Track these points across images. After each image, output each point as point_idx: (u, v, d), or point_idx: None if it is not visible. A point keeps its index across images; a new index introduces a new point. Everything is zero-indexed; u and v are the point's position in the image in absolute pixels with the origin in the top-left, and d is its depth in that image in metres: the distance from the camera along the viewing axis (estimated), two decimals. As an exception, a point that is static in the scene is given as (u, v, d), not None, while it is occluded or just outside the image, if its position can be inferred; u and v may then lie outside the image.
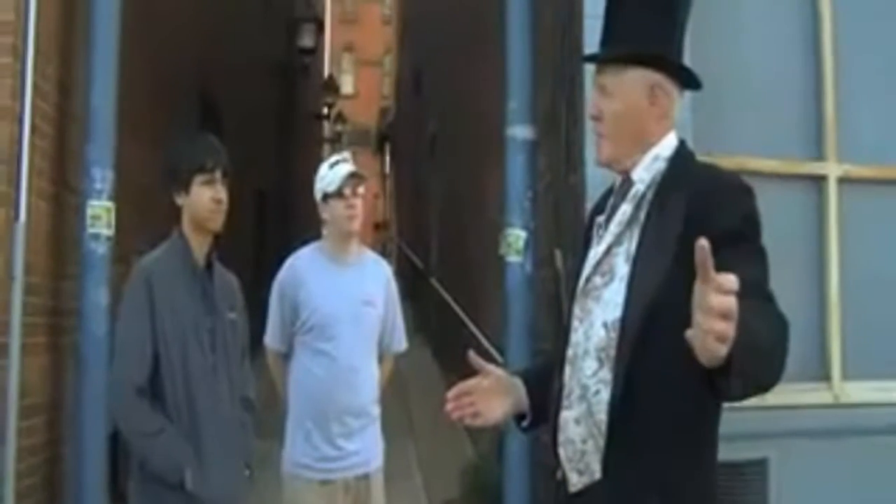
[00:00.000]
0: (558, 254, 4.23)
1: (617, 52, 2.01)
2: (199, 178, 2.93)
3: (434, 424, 8.11)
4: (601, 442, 1.89)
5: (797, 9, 4.36)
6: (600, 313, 1.93)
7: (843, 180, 4.31)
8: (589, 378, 1.92)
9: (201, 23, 7.99)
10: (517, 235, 4.36)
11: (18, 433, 3.83)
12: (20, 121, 3.90)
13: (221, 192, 2.96)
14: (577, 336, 1.98)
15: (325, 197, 3.52)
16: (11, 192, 3.87)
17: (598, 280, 1.97)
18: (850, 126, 4.32)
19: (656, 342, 1.80)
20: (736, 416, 3.48)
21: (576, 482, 1.95)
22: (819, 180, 4.31)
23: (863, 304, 4.27)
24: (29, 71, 3.93)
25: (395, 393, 8.38)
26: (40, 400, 4.15)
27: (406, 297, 14.79)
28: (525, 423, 2.16)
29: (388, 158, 26.78)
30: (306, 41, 15.48)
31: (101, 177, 4.12)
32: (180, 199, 2.96)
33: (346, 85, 33.84)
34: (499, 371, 2.14)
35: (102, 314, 4.07)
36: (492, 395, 2.10)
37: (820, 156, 4.31)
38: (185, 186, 2.94)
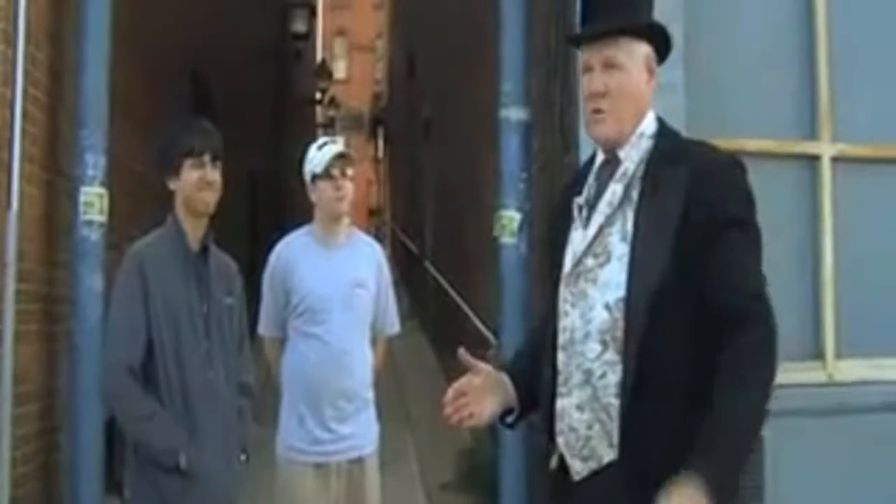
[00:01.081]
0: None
1: (630, 23, 1.95)
2: (188, 162, 2.92)
3: (429, 408, 8.12)
4: (610, 425, 1.86)
5: (791, -11, 4.35)
6: (599, 295, 1.89)
7: (837, 160, 4.31)
8: (592, 362, 1.88)
9: (194, 8, 7.94)
10: (511, 217, 4.35)
11: (13, 421, 3.83)
12: (11, 107, 3.87)
13: (211, 174, 2.94)
14: (570, 320, 1.94)
15: (314, 178, 3.50)
16: (3, 179, 3.85)
17: (590, 262, 1.93)
18: (844, 105, 4.32)
19: (664, 320, 1.80)
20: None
21: (580, 469, 1.92)
22: (813, 160, 4.31)
23: (857, 282, 4.28)
24: (20, 56, 3.90)
25: (390, 376, 8.39)
26: (34, 387, 4.15)
27: (401, 282, 14.82)
28: (510, 419, 2.13)
29: (381, 143, 26.73)
30: (299, 26, 15.43)
31: (94, 163, 4.10)
32: (172, 184, 2.96)
33: (339, 70, 33.70)
34: (488, 368, 2.10)
35: (96, 301, 4.06)
36: (483, 393, 2.05)
37: (814, 135, 4.31)
38: (176, 170, 2.93)
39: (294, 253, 3.54)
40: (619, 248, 1.88)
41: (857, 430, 4.04)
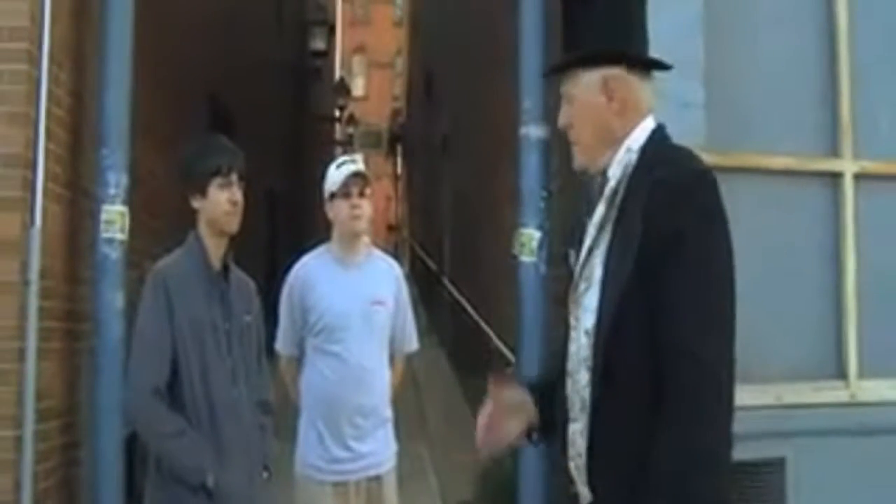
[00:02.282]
0: (573, 253, 4.21)
1: (566, 58, 2.01)
2: (215, 181, 2.93)
3: (448, 425, 8.10)
4: None
5: (813, 5, 4.33)
6: (583, 321, 1.91)
7: (859, 177, 4.29)
8: (584, 389, 1.88)
9: (213, 26, 8.02)
10: (531, 235, 4.35)
11: (35, 437, 3.85)
12: (35, 126, 3.91)
13: (238, 195, 2.96)
14: (572, 347, 1.95)
15: (331, 196, 3.52)
16: (27, 197, 3.88)
17: (582, 286, 1.94)
18: (866, 122, 4.29)
19: (624, 349, 1.78)
20: (752, 416, 3.47)
21: (586, 495, 1.91)
22: (835, 177, 4.28)
23: (880, 301, 4.24)
24: (44, 77, 3.95)
25: (409, 393, 8.38)
26: (56, 403, 4.17)
27: (419, 299, 14.81)
28: (535, 438, 2.14)
29: (399, 160, 26.80)
30: (318, 44, 15.54)
31: (115, 181, 4.13)
32: (196, 203, 2.97)
33: (358, 87, 33.89)
34: (513, 391, 2.13)
35: (117, 318, 4.08)
36: (508, 415, 2.08)
37: (836, 152, 4.29)
38: (202, 189, 2.94)
39: (312, 271, 3.55)
40: (598, 272, 1.88)
41: (880, 451, 3.99)
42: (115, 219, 4.11)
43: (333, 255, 3.57)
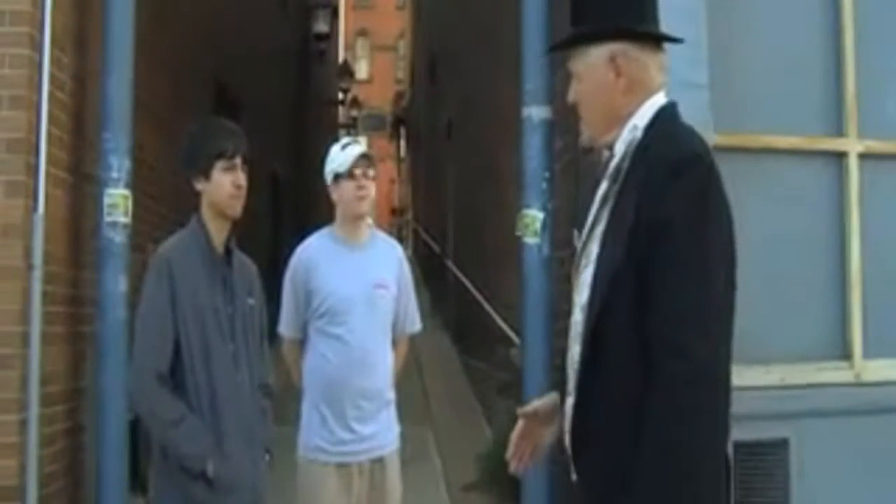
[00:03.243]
0: (577, 234, 4.20)
1: (573, 34, 1.99)
2: (219, 164, 2.92)
3: (451, 408, 8.12)
4: None
5: (817, -15, 4.31)
6: (579, 298, 1.92)
7: (864, 156, 4.27)
8: (578, 363, 1.89)
9: (216, 9, 7.98)
10: (534, 216, 4.34)
11: (40, 421, 3.86)
12: (37, 110, 3.91)
13: (242, 178, 2.95)
14: (571, 321, 1.97)
15: (336, 177, 3.51)
16: (30, 182, 3.88)
17: (583, 263, 1.95)
18: (870, 102, 4.27)
19: (612, 327, 1.77)
20: (756, 396, 3.47)
21: (574, 469, 1.93)
22: (840, 156, 4.26)
23: (884, 281, 4.23)
24: (46, 61, 3.93)
25: (412, 376, 8.40)
26: (61, 388, 4.18)
27: (423, 281, 14.81)
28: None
29: (403, 143, 26.75)
30: (321, 26, 15.48)
31: (118, 165, 4.12)
32: (200, 185, 2.95)
33: (361, 70, 33.81)
34: (539, 403, 2.12)
35: (121, 302, 4.09)
36: (539, 427, 2.09)
37: (841, 132, 4.27)
38: (206, 172, 2.93)
39: (315, 254, 3.54)
40: (594, 251, 1.88)
41: (884, 431, 3.99)
42: (118, 202, 4.11)
43: (337, 237, 3.57)
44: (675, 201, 1.71)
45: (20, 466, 3.78)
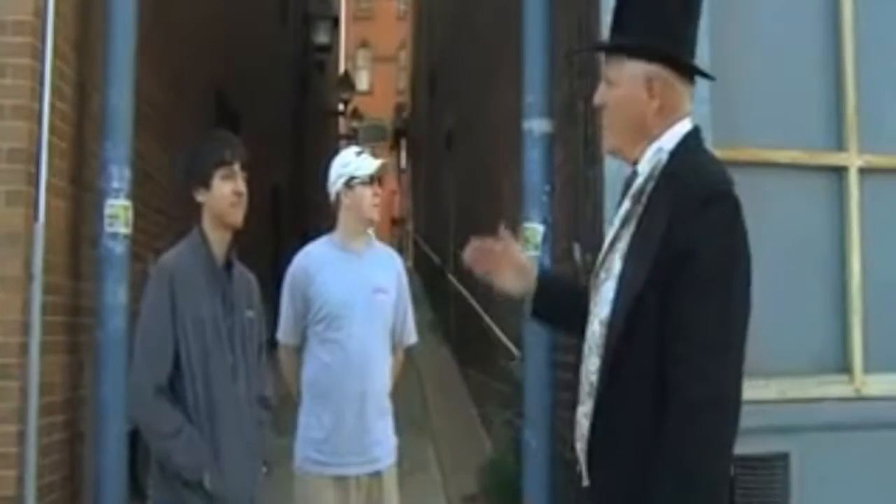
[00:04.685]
0: (577, 247, 4.21)
1: (617, 43, 2.00)
2: (219, 172, 2.92)
3: (451, 420, 8.11)
4: None
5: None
6: (598, 311, 1.95)
7: (864, 171, 4.27)
8: (594, 374, 1.93)
9: (217, 21, 8.01)
10: (535, 229, 4.34)
11: (39, 431, 3.85)
12: (39, 121, 3.91)
13: (241, 185, 2.96)
14: (588, 331, 2.00)
15: (350, 182, 3.51)
16: (31, 192, 3.88)
17: (602, 276, 1.98)
18: (871, 116, 4.28)
19: (634, 348, 1.82)
20: (757, 410, 3.46)
21: (586, 477, 1.95)
22: (840, 171, 4.27)
23: (885, 295, 4.23)
24: (47, 71, 3.94)
25: (413, 388, 8.39)
26: (60, 398, 4.17)
27: (423, 293, 14.80)
28: (528, 312, 2.27)
29: (404, 154, 26.79)
30: (322, 37, 15.53)
31: (119, 175, 4.13)
32: (200, 196, 2.96)
33: (362, 81, 33.88)
34: (519, 253, 2.25)
35: (121, 312, 4.08)
36: (506, 265, 2.21)
37: (841, 146, 4.28)
38: (206, 182, 2.93)
39: (314, 260, 3.54)
40: (617, 267, 1.92)
41: (885, 445, 3.99)
42: (118, 213, 4.11)
43: (336, 243, 3.57)
44: (704, 234, 1.78)
45: (19, 477, 3.77)
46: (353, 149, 3.70)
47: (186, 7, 6.67)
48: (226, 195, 2.92)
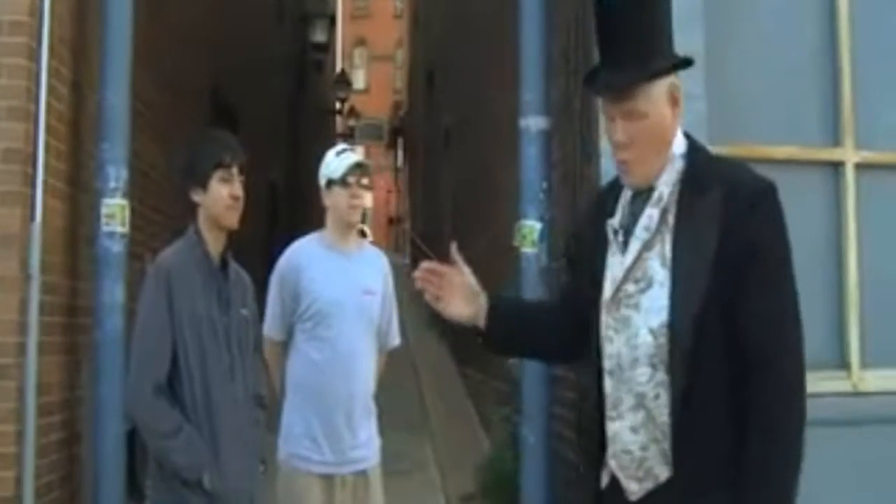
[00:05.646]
0: (572, 243, 4.21)
1: (644, 72, 1.90)
2: (217, 175, 2.92)
3: (449, 419, 8.11)
4: (666, 444, 1.90)
5: (814, -4, 4.32)
6: (642, 321, 1.92)
7: (860, 166, 4.28)
8: (645, 385, 1.92)
9: (214, 19, 8.00)
10: (532, 227, 4.34)
11: (37, 431, 3.85)
12: (35, 121, 3.91)
13: (239, 189, 2.96)
14: (615, 347, 1.97)
15: (329, 183, 3.51)
16: (27, 192, 3.88)
17: (630, 287, 1.95)
18: (867, 112, 4.28)
19: (706, 341, 1.84)
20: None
21: (636, 490, 1.95)
22: (837, 166, 4.28)
23: (881, 290, 4.24)
24: (43, 71, 3.94)
25: (411, 387, 8.39)
26: (58, 398, 4.17)
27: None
28: (480, 340, 2.25)
29: (401, 152, 26.77)
30: (319, 36, 15.52)
31: (116, 175, 4.13)
32: (197, 196, 2.96)
33: (359, 79, 33.87)
34: (471, 278, 2.23)
35: (118, 312, 4.08)
36: (457, 293, 2.21)
37: (837, 142, 4.28)
38: (203, 183, 2.94)
39: (304, 257, 3.54)
40: (660, 274, 1.91)
41: (883, 440, 3.99)
42: (115, 212, 4.11)
43: (326, 241, 3.57)
44: (765, 228, 1.87)
45: (17, 478, 3.77)
46: (338, 148, 3.67)
47: (182, 6, 6.67)
48: (222, 198, 2.92)
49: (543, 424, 4.26)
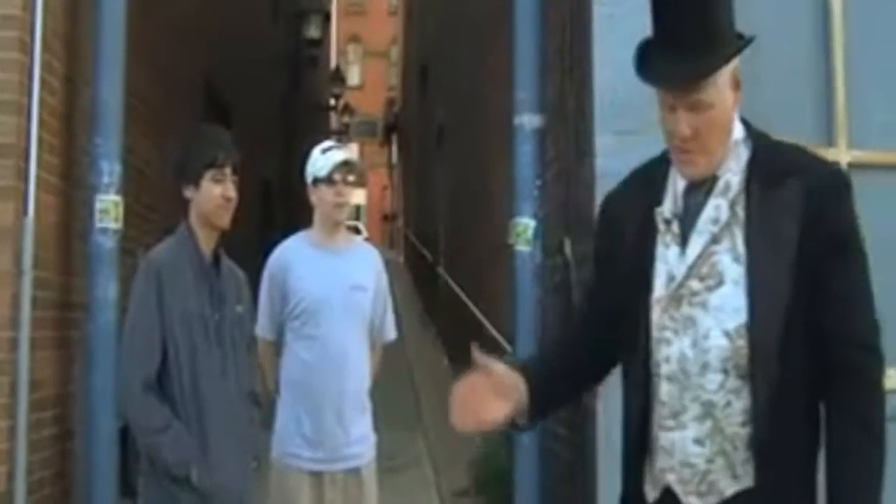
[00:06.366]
0: (568, 242, 4.21)
1: (716, 61, 1.80)
2: (209, 174, 2.92)
3: (443, 415, 8.11)
4: (735, 456, 1.78)
5: (807, -6, 4.32)
6: (713, 321, 1.79)
7: (853, 166, 4.28)
8: (714, 393, 1.78)
9: (208, 15, 7.98)
10: (526, 224, 4.34)
11: (29, 427, 3.84)
12: (28, 116, 3.90)
13: (231, 190, 2.95)
14: (675, 349, 1.82)
15: (315, 181, 3.50)
16: (20, 187, 3.87)
17: (695, 284, 1.81)
18: (860, 112, 4.28)
19: (792, 345, 1.76)
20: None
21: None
22: (829, 166, 4.28)
23: (876, 291, 4.23)
24: (36, 66, 3.93)
25: (404, 384, 8.39)
26: (50, 393, 4.16)
27: (414, 288, 14.79)
28: (521, 424, 2.00)
29: (395, 149, 26.76)
30: (313, 32, 15.49)
31: (109, 170, 4.12)
32: (189, 193, 2.95)
33: (353, 76, 33.84)
34: (501, 369, 1.94)
35: (111, 308, 4.07)
36: (492, 394, 1.91)
37: (830, 142, 4.28)
38: (195, 180, 2.93)
39: (292, 255, 3.54)
40: (733, 271, 1.78)
41: (889, 440, 3.99)
42: (108, 208, 4.10)
43: (314, 239, 3.57)
44: (848, 218, 1.85)
45: (9, 473, 3.76)
46: (324, 145, 3.65)
47: (176, 1, 6.65)
48: (214, 197, 2.92)
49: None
